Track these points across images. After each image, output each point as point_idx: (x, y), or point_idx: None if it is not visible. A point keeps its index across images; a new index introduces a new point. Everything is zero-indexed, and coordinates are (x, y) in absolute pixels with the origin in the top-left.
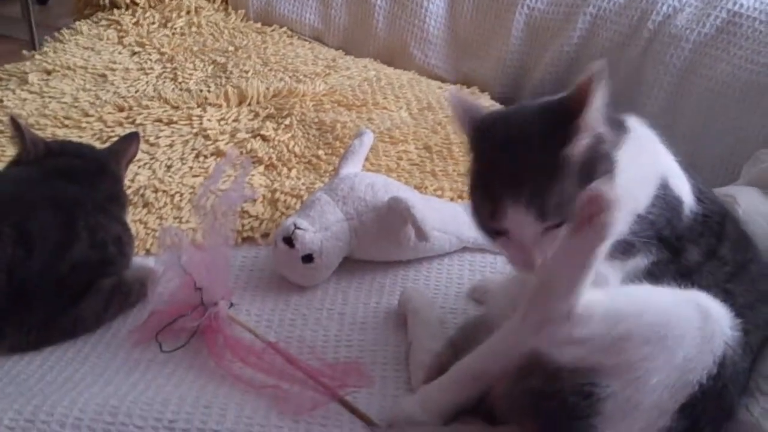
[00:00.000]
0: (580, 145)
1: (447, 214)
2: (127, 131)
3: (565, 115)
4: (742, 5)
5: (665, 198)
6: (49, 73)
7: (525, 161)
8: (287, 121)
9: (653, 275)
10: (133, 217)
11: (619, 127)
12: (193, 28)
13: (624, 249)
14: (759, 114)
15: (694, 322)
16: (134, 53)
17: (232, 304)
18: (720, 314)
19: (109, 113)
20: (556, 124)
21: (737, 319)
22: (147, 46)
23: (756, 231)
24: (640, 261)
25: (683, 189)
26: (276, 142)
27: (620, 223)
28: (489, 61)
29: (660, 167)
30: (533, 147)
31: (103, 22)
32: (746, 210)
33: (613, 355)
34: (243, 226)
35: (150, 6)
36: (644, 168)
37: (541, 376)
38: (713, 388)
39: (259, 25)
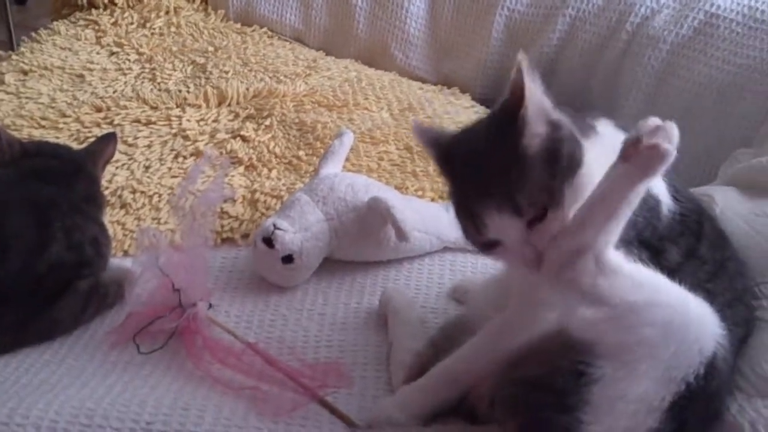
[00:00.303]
0: (534, 135)
1: (428, 215)
2: (105, 132)
3: (510, 114)
4: (719, 6)
5: (643, 197)
6: (25, 73)
7: (485, 168)
8: (267, 122)
9: None
10: (110, 218)
11: (586, 130)
12: (172, 29)
13: None
14: (736, 115)
15: (694, 319)
16: (112, 53)
17: (210, 306)
18: (710, 315)
19: (87, 114)
20: (505, 125)
21: (721, 319)
22: (125, 47)
23: (733, 231)
24: None
25: (659, 187)
26: (256, 143)
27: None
28: (469, 63)
29: None
30: (489, 153)
31: (81, 22)
32: (724, 210)
33: (618, 330)
34: (222, 226)
35: (128, 6)
36: None
37: (531, 363)
38: (703, 389)
39: (239, 25)
